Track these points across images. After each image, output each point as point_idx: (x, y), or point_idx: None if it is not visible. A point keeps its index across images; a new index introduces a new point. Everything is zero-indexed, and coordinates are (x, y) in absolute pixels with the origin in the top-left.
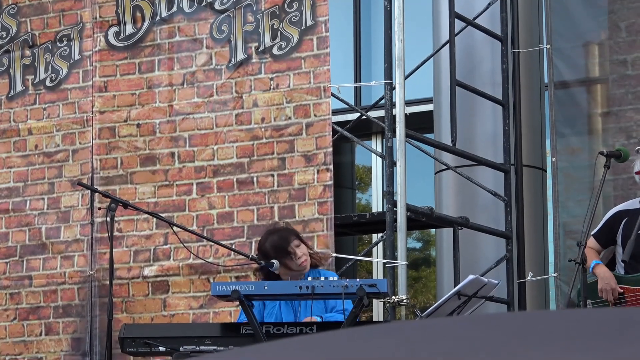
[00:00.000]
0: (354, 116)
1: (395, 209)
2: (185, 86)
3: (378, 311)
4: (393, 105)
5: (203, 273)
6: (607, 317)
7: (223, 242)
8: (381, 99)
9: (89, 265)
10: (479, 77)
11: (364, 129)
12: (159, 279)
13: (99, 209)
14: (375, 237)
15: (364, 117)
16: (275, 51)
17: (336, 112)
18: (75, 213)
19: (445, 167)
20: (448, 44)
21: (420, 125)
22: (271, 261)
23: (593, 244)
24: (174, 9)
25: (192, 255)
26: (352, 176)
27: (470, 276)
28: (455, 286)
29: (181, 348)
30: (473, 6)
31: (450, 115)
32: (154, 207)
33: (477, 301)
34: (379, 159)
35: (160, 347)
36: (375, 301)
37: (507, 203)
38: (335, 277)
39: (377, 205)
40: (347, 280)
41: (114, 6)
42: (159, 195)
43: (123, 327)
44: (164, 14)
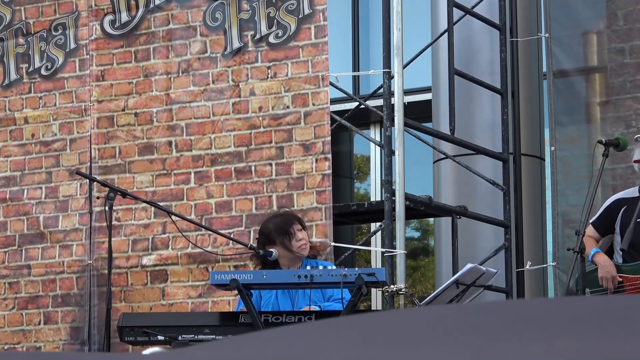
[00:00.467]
0: (353, 105)
1: (393, 198)
2: (181, 74)
3: (376, 300)
4: (391, 94)
5: (202, 262)
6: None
7: (221, 231)
8: (380, 88)
9: (88, 254)
10: (478, 66)
11: (363, 118)
12: (158, 268)
13: (98, 198)
14: (373, 226)
15: (363, 106)
16: (272, 40)
17: (335, 101)
18: (73, 202)
19: (443, 156)
20: (446, 33)
21: (418, 114)
22: (269, 250)
23: (592, 233)
24: None
25: (191, 244)
26: (351, 165)
27: (468, 265)
28: (453, 275)
29: (180, 337)
30: None
31: (448, 104)
32: (152, 196)
33: (476, 290)
34: (378, 148)
35: (158, 336)
36: (373, 290)
37: (506, 192)
38: (332, 267)
39: (376, 194)
40: (346, 269)
41: None
42: (157, 184)
43: (122, 316)
44: (158, 1)
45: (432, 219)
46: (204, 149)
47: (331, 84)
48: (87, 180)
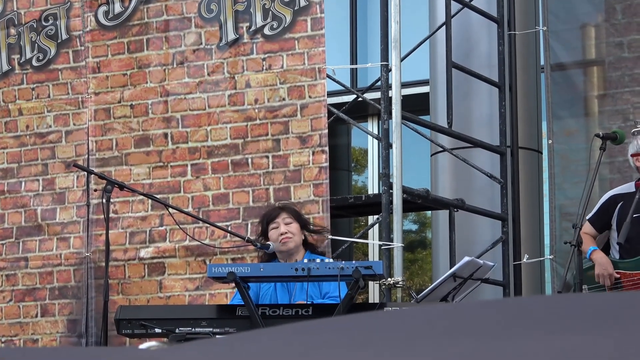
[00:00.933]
0: (350, 98)
1: (391, 191)
2: (176, 66)
3: (374, 293)
4: (389, 87)
5: (199, 255)
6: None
7: (219, 224)
8: (377, 81)
9: (85, 246)
10: (475, 59)
11: (360, 111)
12: (155, 261)
13: (95, 191)
14: (371, 219)
15: (360, 99)
16: (266, 31)
17: (332, 94)
18: (70, 194)
19: (441, 149)
20: (444, 26)
21: (416, 107)
22: (267, 243)
23: (588, 229)
24: None
25: (188, 237)
26: (348, 158)
27: (465, 258)
28: (451, 268)
29: (177, 330)
30: None
31: (446, 97)
32: (149, 189)
33: (473, 283)
34: (375, 141)
35: (156, 329)
36: (371, 283)
37: (503, 185)
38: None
39: (373, 187)
40: (343, 262)
41: None
42: (154, 176)
43: (119, 309)
44: None
45: (430, 212)
46: (200, 141)
47: (328, 77)
48: (84, 172)
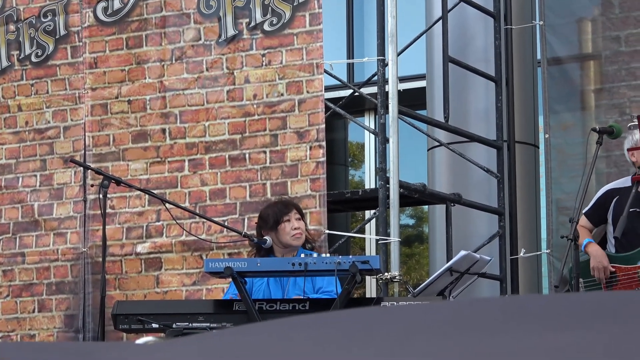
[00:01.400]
0: (347, 93)
1: (388, 186)
2: (174, 62)
3: (371, 288)
4: (386, 81)
5: (196, 250)
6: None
7: (216, 219)
8: (374, 76)
9: (82, 242)
10: (472, 54)
11: (357, 106)
12: (152, 256)
13: (92, 186)
14: (368, 214)
15: (357, 94)
16: (266, 27)
17: (329, 89)
18: (67, 190)
19: (437, 144)
20: (441, 21)
21: (413, 101)
22: (264, 238)
23: (585, 223)
24: None
25: (185, 232)
26: (345, 153)
27: (462, 252)
28: (447, 263)
29: (174, 325)
30: None
31: (443, 91)
32: (146, 184)
33: (470, 277)
34: (372, 136)
35: (153, 324)
36: (368, 278)
37: (500, 179)
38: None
39: (370, 181)
40: (340, 256)
41: None
42: (151, 172)
43: (116, 304)
44: None
45: (427, 207)
46: (198, 137)
47: (325, 72)
48: (82, 168)
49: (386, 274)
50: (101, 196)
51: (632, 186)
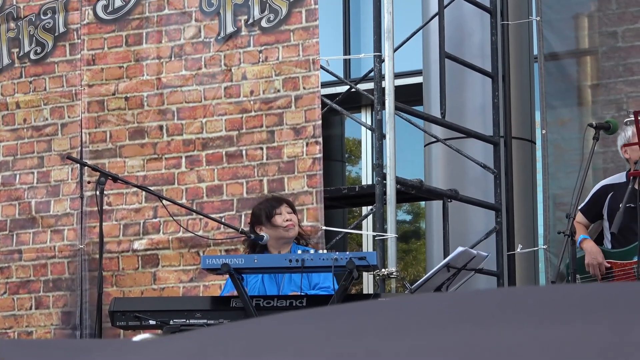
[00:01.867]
0: (344, 89)
1: (384, 182)
2: (173, 59)
3: (368, 284)
4: (382, 77)
5: (193, 246)
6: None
7: (212, 216)
8: (370, 72)
9: (79, 239)
10: (468, 50)
11: (354, 102)
12: (149, 253)
13: (89, 183)
14: (365, 210)
15: (354, 90)
16: (264, 24)
17: (325, 85)
18: (65, 187)
19: (434, 140)
20: (437, 16)
21: (409, 97)
22: (261, 234)
23: (580, 219)
24: None
25: (182, 228)
26: (342, 149)
27: (459, 248)
28: (444, 259)
29: (171, 321)
30: None
31: (439, 87)
32: (143, 181)
33: (467, 273)
34: (369, 132)
35: (150, 321)
36: (365, 274)
37: (497, 175)
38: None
39: (367, 177)
40: (337, 253)
41: None
42: (148, 168)
43: (113, 301)
44: None
45: (424, 202)
46: (195, 133)
47: (322, 68)
48: (78, 164)
49: (383, 270)
50: (98, 193)
51: (627, 182)
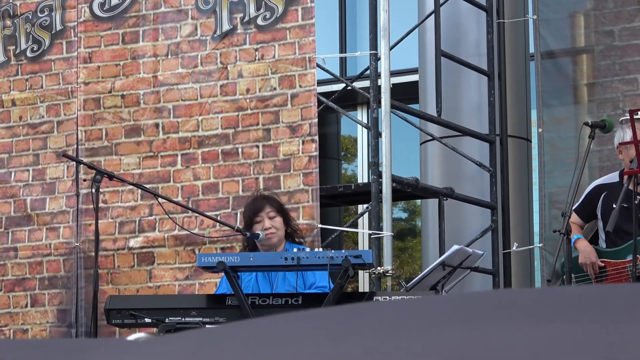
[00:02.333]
0: (339, 87)
1: (380, 180)
2: (169, 57)
3: (364, 282)
4: (378, 75)
5: (188, 244)
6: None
7: (208, 213)
8: (366, 70)
9: (75, 236)
10: (464, 48)
11: (350, 100)
12: (145, 251)
13: (84, 181)
14: (360, 208)
15: (349, 88)
16: (259, 22)
17: (321, 83)
18: (60, 184)
19: (430, 138)
20: (433, 15)
21: (405, 95)
22: (257, 232)
23: (575, 219)
24: None
25: (177, 226)
26: (338, 147)
27: (455, 246)
28: (440, 257)
29: (167, 319)
30: None
31: (435, 85)
32: (139, 179)
33: (462, 272)
34: (365, 130)
35: (145, 319)
36: (361, 272)
37: (492, 174)
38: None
39: (363, 176)
40: (333, 251)
41: None
42: (144, 166)
43: (109, 299)
44: None
45: (419, 201)
46: (191, 131)
47: (318, 66)
48: (74, 162)
49: (379, 268)
50: (94, 190)
51: (621, 181)
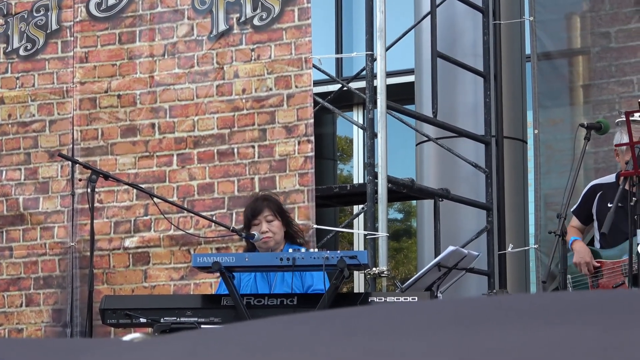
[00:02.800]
0: (335, 87)
1: (376, 181)
2: (166, 57)
3: (359, 283)
4: (374, 76)
5: (184, 244)
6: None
7: (203, 214)
8: (362, 70)
9: (70, 236)
10: (460, 49)
11: (345, 100)
12: (140, 250)
13: (80, 180)
14: (356, 209)
15: (345, 89)
16: (256, 22)
17: (317, 83)
18: (54, 184)
19: (426, 139)
20: (429, 15)
21: (401, 96)
22: (252, 233)
23: (574, 222)
24: None
25: (173, 226)
26: (334, 147)
27: (450, 247)
28: (435, 258)
29: (162, 319)
30: None
31: (431, 86)
32: (135, 178)
33: (458, 273)
34: (360, 130)
35: (140, 319)
36: (356, 272)
37: (488, 175)
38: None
39: (359, 176)
40: (328, 251)
41: None
42: (140, 166)
43: (104, 299)
44: None
45: (415, 201)
46: (187, 131)
47: (314, 66)
48: (69, 162)
49: (374, 269)
50: (89, 190)
51: (617, 182)
